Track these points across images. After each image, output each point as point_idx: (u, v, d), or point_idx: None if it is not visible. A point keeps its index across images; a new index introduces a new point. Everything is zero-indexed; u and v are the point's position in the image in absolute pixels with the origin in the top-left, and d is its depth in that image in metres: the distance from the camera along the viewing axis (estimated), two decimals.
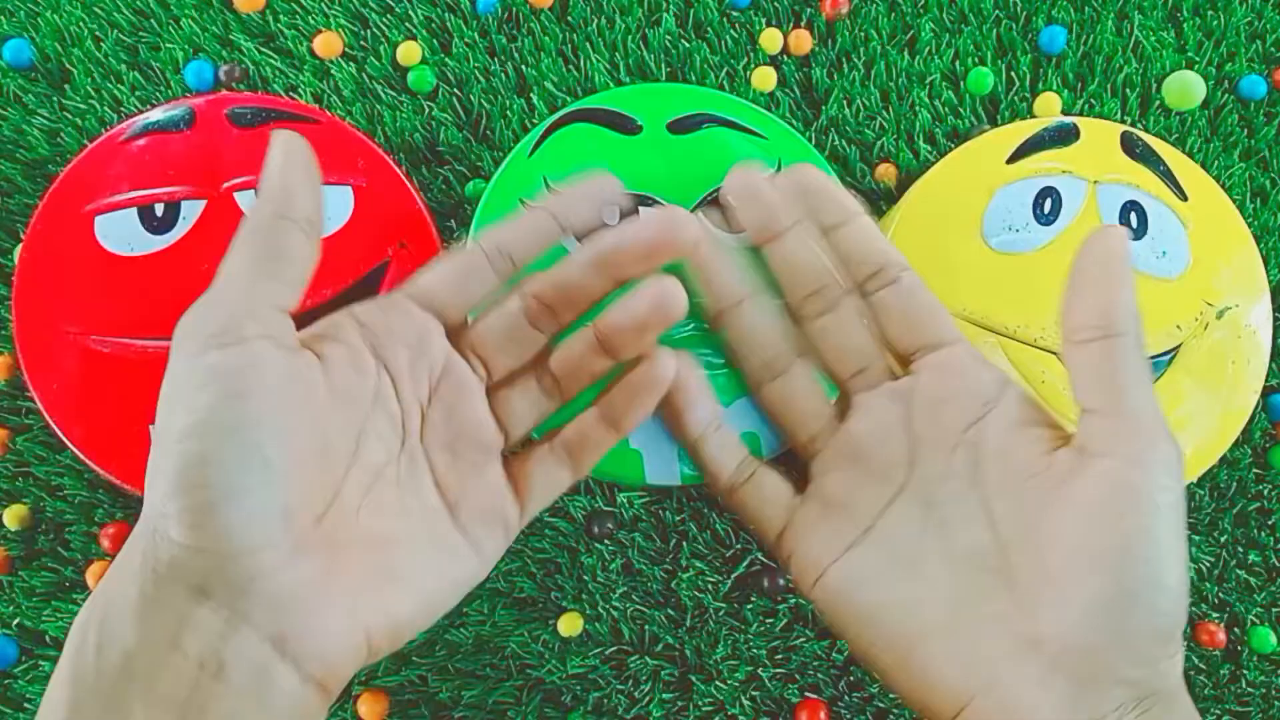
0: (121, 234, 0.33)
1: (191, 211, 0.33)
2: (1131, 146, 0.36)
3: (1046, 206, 0.35)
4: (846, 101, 0.39)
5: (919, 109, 0.39)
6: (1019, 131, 0.36)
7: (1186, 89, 0.39)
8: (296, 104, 0.36)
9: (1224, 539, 0.37)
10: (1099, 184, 0.36)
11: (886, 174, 0.38)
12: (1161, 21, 0.41)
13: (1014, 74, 0.40)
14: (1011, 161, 0.36)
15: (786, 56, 0.39)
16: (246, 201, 0.34)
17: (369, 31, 0.39)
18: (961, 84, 0.39)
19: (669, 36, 0.39)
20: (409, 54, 0.38)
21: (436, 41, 0.39)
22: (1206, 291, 0.35)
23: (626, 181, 0.33)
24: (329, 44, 0.38)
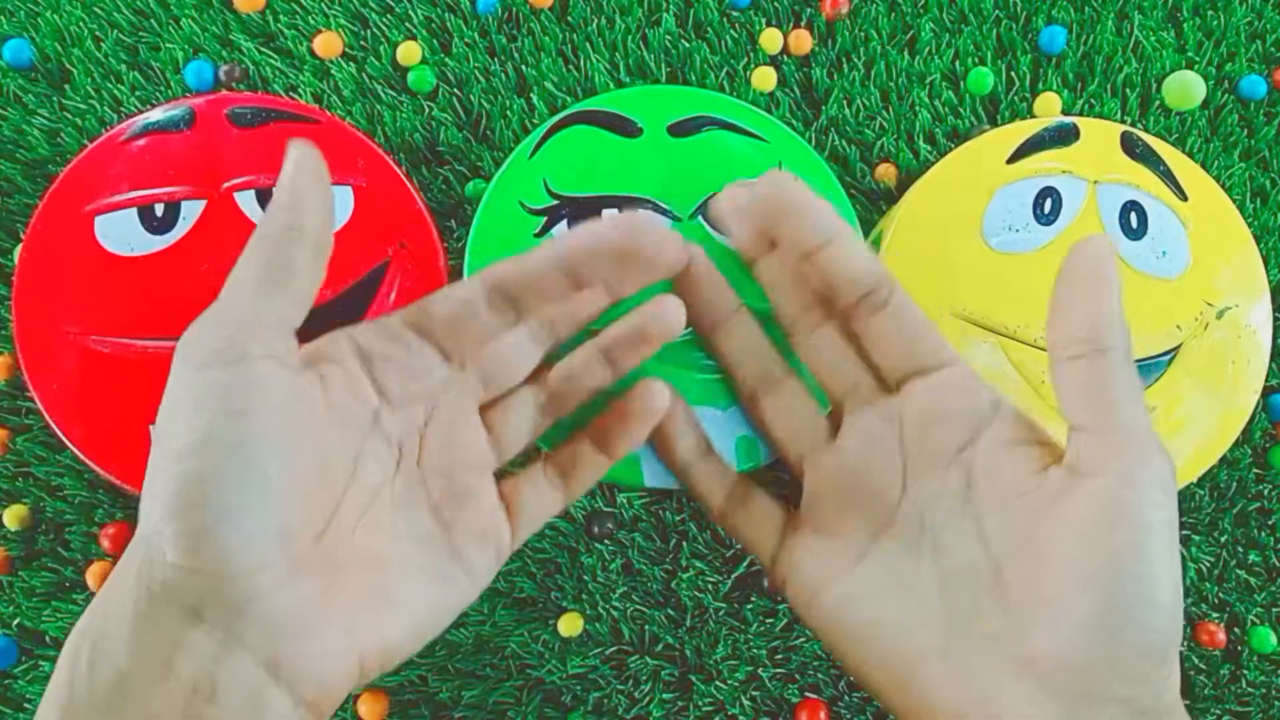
0: (121, 234, 0.33)
1: (191, 212, 0.33)
2: (1131, 146, 0.36)
3: (1046, 206, 0.35)
4: (846, 101, 0.39)
5: (919, 109, 0.39)
6: (1019, 131, 0.36)
7: (1186, 89, 0.39)
8: (296, 104, 0.36)
9: (1224, 539, 0.37)
10: (1099, 184, 0.36)
11: (886, 174, 0.38)
12: (1161, 21, 0.41)
13: (1014, 74, 0.40)
14: (1011, 161, 0.36)
15: (786, 56, 0.39)
16: (246, 201, 0.34)
17: (369, 31, 0.39)
18: (961, 84, 0.39)
19: (669, 37, 0.39)
20: (409, 54, 0.38)
21: (436, 41, 0.39)
22: (1206, 291, 0.35)
23: (627, 184, 0.33)
24: (329, 44, 0.38)
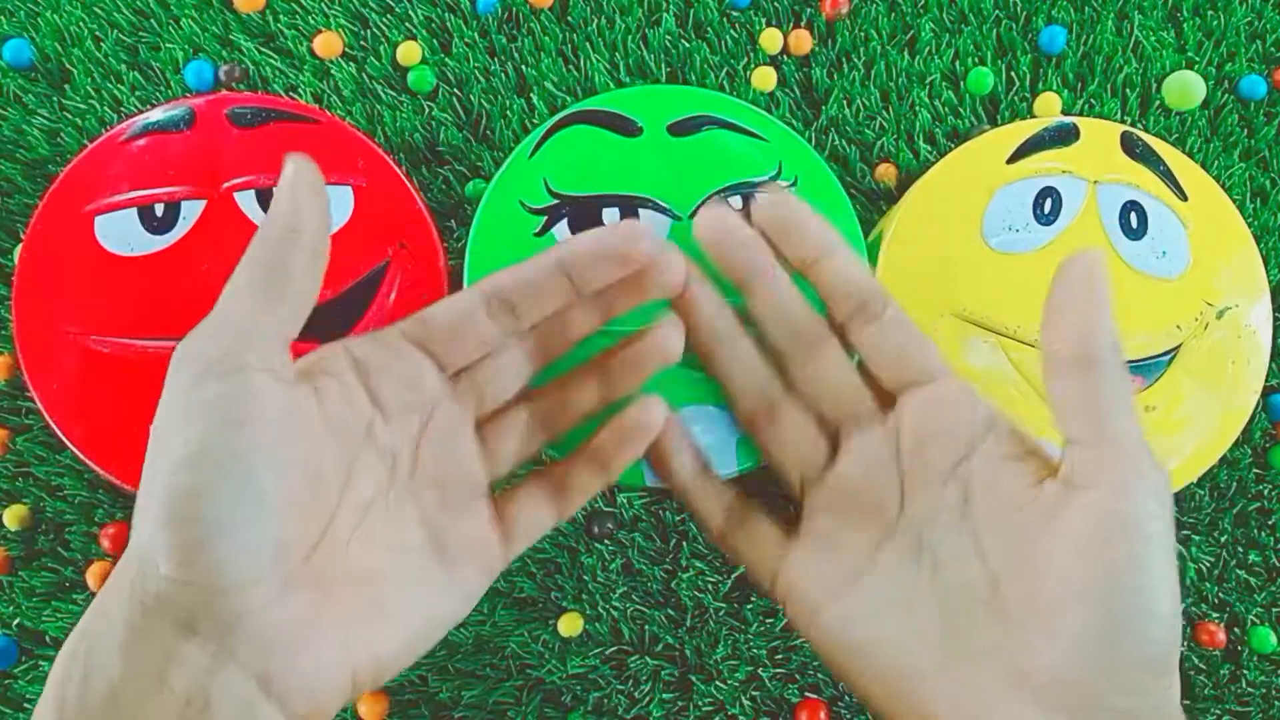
0: (121, 234, 0.33)
1: (191, 211, 0.33)
2: (1131, 146, 0.36)
3: (1046, 206, 0.35)
4: (846, 101, 0.39)
5: (919, 109, 0.39)
6: (1019, 131, 0.36)
7: (1186, 89, 0.39)
8: (296, 104, 0.36)
9: (1224, 539, 0.37)
10: (1099, 184, 0.36)
11: (886, 174, 0.38)
12: (1161, 21, 0.41)
13: (1014, 74, 0.40)
14: (1011, 161, 0.36)
15: (786, 56, 0.39)
16: (246, 202, 0.34)
17: (369, 31, 0.39)
18: (961, 84, 0.39)
19: (669, 36, 0.39)
20: (409, 54, 0.38)
21: (436, 41, 0.39)
22: (1206, 291, 0.35)
23: (627, 183, 0.33)
24: (329, 44, 0.38)
